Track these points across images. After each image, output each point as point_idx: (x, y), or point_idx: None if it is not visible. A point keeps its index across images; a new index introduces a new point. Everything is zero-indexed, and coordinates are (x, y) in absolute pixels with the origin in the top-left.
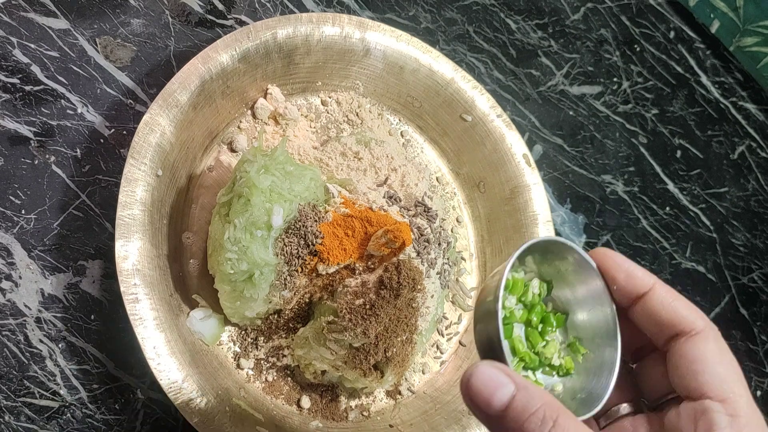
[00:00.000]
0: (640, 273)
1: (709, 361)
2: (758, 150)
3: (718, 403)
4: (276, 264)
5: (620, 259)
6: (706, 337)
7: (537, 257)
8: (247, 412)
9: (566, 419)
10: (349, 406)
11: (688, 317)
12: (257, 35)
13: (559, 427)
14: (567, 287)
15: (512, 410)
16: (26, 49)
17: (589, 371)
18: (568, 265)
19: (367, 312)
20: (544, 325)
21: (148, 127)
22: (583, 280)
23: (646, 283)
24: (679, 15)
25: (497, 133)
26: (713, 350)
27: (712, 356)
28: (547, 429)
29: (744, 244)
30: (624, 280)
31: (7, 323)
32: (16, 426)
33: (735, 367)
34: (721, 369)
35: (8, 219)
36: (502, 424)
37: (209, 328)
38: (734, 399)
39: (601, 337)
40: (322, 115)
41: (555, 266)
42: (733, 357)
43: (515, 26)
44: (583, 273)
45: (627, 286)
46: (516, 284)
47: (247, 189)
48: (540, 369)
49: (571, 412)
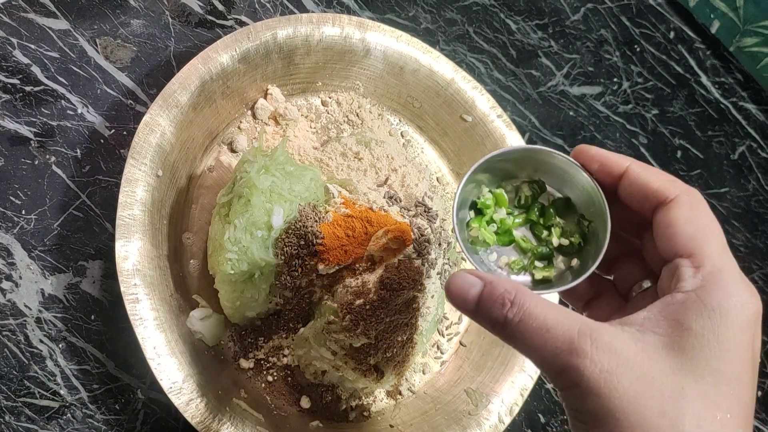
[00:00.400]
0: (614, 158)
1: (680, 223)
2: (759, 150)
3: (686, 259)
4: (276, 264)
5: (594, 151)
6: (678, 202)
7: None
8: (247, 412)
9: (521, 297)
10: (349, 406)
11: (661, 187)
12: (257, 36)
13: (515, 305)
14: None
15: (481, 301)
16: (26, 49)
17: (596, 239)
18: (553, 167)
19: (367, 312)
20: (545, 218)
21: (148, 128)
22: (570, 173)
23: (620, 165)
24: (679, 15)
25: (497, 133)
26: (684, 213)
27: (683, 218)
28: (506, 309)
29: (744, 245)
30: (600, 167)
31: (7, 323)
32: (17, 426)
33: (706, 225)
34: (689, 228)
35: (8, 219)
36: (478, 314)
37: (209, 328)
38: (700, 252)
39: (596, 211)
40: (322, 116)
41: (542, 170)
42: (706, 216)
43: (515, 27)
44: (568, 168)
45: (603, 171)
46: (500, 198)
47: (248, 189)
48: (554, 254)
49: (528, 290)
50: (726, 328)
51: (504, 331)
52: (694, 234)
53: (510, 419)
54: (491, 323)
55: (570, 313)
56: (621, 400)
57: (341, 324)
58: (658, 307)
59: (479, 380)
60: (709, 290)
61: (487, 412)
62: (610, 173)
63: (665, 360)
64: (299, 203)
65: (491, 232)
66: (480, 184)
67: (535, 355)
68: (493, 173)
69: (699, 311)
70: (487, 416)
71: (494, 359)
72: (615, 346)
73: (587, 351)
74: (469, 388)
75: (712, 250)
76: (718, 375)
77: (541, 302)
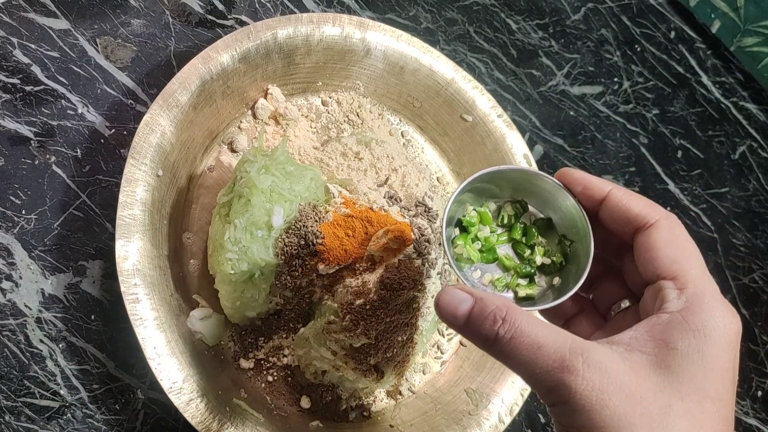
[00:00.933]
0: (595, 182)
1: (661, 247)
2: (759, 150)
3: (669, 281)
4: (276, 264)
5: (577, 174)
6: (658, 226)
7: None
8: (247, 412)
9: (513, 314)
10: (349, 406)
11: (641, 212)
12: (257, 35)
13: (506, 322)
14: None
15: (472, 318)
16: (27, 49)
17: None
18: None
19: (368, 312)
20: (527, 237)
21: (148, 128)
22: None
23: (601, 189)
24: (679, 15)
25: (498, 133)
26: (665, 237)
27: (664, 242)
28: (497, 326)
29: (745, 245)
30: (582, 191)
31: (7, 323)
32: (17, 426)
33: (686, 248)
34: (671, 251)
35: (8, 219)
36: (468, 330)
37: (209, 328)
38: (683, 275)
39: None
40: (322, 116)
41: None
42: (686, 240)
43: (516, 26)
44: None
45: (585, 195)
46: (484, 217)
47: (248, 189)
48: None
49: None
50: (709, 347)
51: (494, 347)
52: (675, 257)
53: (510, 419)
54: (481, 339)
55: (560, 331)
56: (611, 417)
57: (341, 324)
58: (644, 327)
59: (479, 380)
60: (693, 311)
61: (487, 412)
62: (592, 197)
63: (653, 378)
64: (299, 203)
65: (476, 250)
66: (464, 202)
67: (526, 372)
68: (476, 192)
69: (684, 331)
70: (487, 416)
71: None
72: (605, 365)
73: (579, 369)
74: (469, 388)
75: (695, 273)
76: (702, 393)
77: (533, 320)
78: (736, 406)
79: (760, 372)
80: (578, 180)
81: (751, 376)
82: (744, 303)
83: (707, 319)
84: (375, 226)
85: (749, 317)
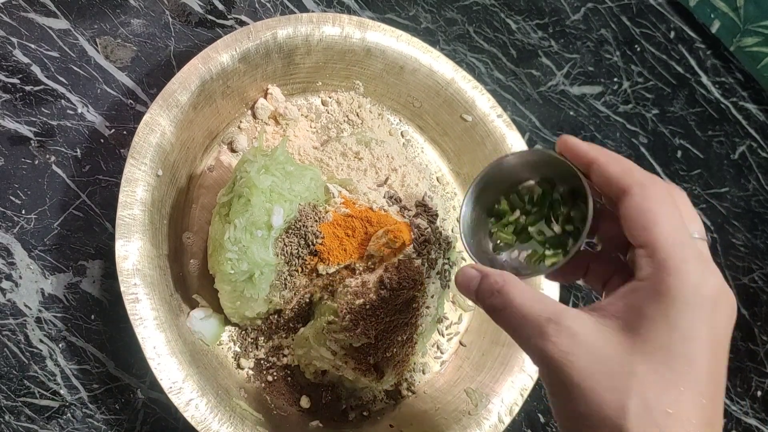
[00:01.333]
0: (583, 148)
1: (632, 216)
2: (759, 150)
3: (641, 249)
4: (276, 264)
5: (570, 142)
6: (631, 193)
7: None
8: (247, 412)
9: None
10: (349, 406)
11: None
12: (257, 35)
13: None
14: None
15: (479, 291)
16: (26, 49)
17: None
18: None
19: (367, 312)
20: (553, 210)
21: (148, 127)
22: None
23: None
24: (679, 15)
25: (498, 133)
26: (636, 203)
27: (635, 209)
28: (493, 296)
29: (744, 245)
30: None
31: (7, 323)
32: (17, 426)
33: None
34: (641, 218)
35: (8, 219)
36: (479, 303)
37: (209, 328)
38: (651, 243)
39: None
40: (322, 115)
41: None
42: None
43: (515, 26)
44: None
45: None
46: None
47: (248, 189)
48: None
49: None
50: (676, 311)
51: (494, 316)
52: (645, 224)
53: (510, 419)
54: (486, 310)
55: (546, 301)
56: (578, 376)
57: (341, 324)
58: (619, 294)
59: (479, 380)
60: (660, 277)
61: (487, 412)
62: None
63: (621, 341)
64: (299, 203)
65: (509, 233)
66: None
67: (518, 339)
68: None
69: (650, 297)
70: (487, 416)
71: (494, 359)
72: (575, 330)
73: (551, 334)
74: (469, 388)
75: (664, 239)
76: (667, 353)
77: (524, 291)
78: (736, 406)
79: (760, 372)
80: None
81: (751, 376)
82: (744, 303)
83: (675, 283)
84: (375, 226)
85: (749, 317)
